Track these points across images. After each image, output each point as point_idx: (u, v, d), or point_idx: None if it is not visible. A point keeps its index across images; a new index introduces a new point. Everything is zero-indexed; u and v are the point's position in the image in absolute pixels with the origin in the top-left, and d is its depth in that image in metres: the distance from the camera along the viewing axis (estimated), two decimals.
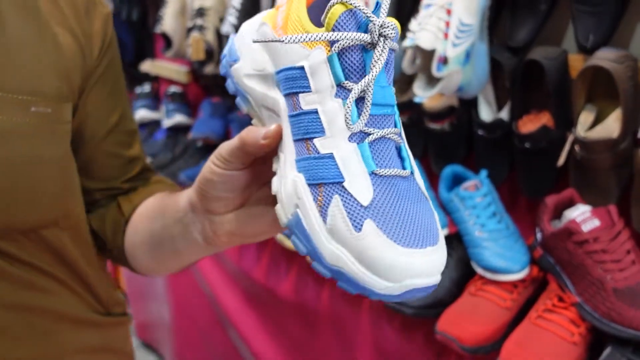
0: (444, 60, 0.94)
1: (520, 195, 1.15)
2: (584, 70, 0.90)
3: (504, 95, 1.09)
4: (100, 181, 0.66)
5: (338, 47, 0.39)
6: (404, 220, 0.37)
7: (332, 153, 0.39)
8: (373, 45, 0.39)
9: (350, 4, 0.39)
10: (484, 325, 0.91)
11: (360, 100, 0.40)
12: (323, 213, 0.39)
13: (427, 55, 0.97)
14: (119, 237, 0.65)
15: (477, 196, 1.01)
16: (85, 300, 0.62)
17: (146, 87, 1.98)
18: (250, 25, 0.49)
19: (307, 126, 0.41)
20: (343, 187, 0.38)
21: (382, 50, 0.39)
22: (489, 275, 0.97)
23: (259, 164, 0.49)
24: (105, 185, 0.67)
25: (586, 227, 0.86)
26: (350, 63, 0.40)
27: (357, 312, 1.15)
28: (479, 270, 0.98)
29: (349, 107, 0.39)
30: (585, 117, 0.95)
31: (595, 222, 0.86)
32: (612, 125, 0.91)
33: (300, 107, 0.41)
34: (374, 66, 0.39)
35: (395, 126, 0.42)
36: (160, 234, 0.60)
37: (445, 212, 1.07)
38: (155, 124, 1.96)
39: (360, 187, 0.38)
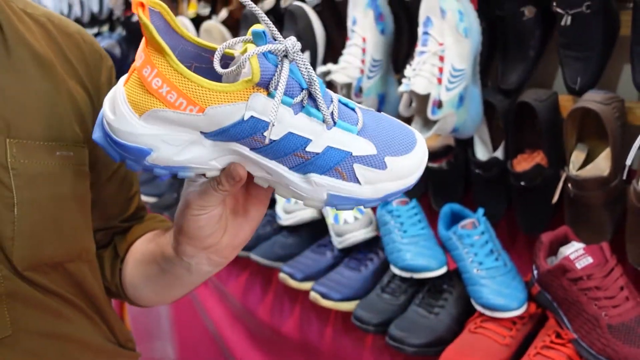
0: (439, 104, 0.98)
1: (518, 232, 1.17)
2: (572, 112, 0.93)
3: (499, 135, 1.12)
4: (102, 221, 0.71)
5: (282, 92, 0.45)
6: (395, 140, 0.50)
7: (328, 146, 0.48)
8: (293, 60, 0.47)
9: (256, 53, 0.45)
10: None
11: (310, 97, 0.47)
12: (352, 179, 0.49)
13: (422, 100, 1.01)
14: (116, 276, 0.71)
15: (474, 234, 1.03)
16: (103, 331, 0.67)
17: None
18: (126, 115, 0.46)
19: (290, 146, 0.48)
20: (354, 156, 0.49)
21: (303, 62, 0.47)
22: (487, 312, 0.98)
23: None
24: (106, 225, 0.72)
25: (580, 264, 0.88)
26: (290, 88, 0.46)
27: (360, 351, 1.16)
28: (478, 308, 1.00)
29: (328, 116, 0.47)
30: (577, 156, 0.98)
31: (589, 259, 0.88)
32: (602, 164, 0.93)
33: (271, 139, 0.47)
34: (310, 75, 0.47)
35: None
36: (159, 276, 0.66)
37: (445, 249, 1.09)
38: None
39: (363, 146, 0.49)
